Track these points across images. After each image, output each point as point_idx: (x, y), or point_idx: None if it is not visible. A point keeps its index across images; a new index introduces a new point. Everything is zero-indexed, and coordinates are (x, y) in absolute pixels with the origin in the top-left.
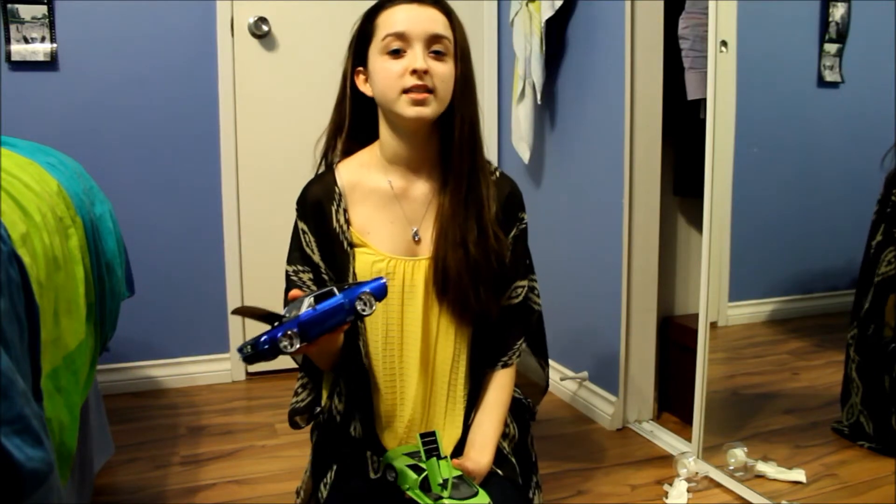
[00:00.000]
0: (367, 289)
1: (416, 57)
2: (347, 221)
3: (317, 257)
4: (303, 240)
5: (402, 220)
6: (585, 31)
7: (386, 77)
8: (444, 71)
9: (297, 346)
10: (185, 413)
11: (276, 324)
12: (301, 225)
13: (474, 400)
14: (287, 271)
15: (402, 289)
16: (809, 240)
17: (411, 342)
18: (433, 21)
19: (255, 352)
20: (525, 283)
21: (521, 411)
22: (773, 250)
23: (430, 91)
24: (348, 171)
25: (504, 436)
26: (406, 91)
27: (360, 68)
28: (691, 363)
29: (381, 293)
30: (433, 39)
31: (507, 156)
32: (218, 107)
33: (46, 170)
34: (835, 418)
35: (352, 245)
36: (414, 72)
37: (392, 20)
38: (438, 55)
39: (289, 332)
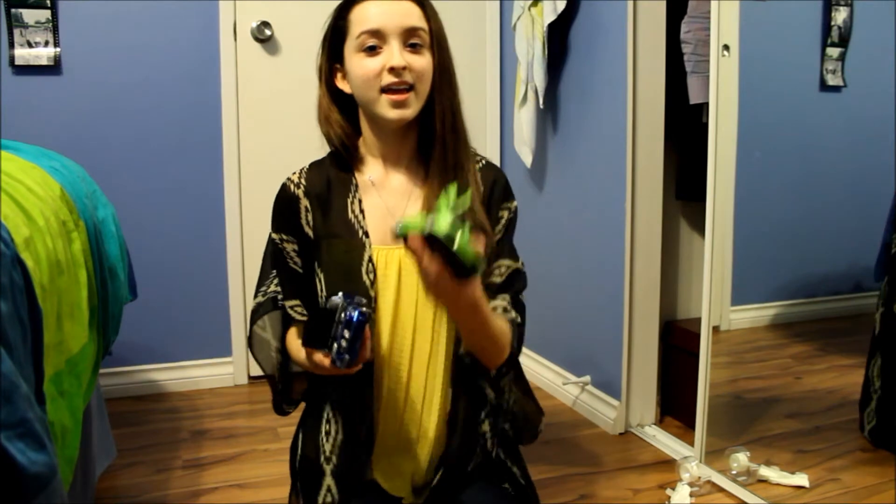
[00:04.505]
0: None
1: (393, 54)
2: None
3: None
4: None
5: (382, 211)
6: (587, 36)
7: (364, 76)
8: (422, 64)
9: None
10: (187, 417)
11: (339, 315)
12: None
13: (457, 394)
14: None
15: (376, 276)
16: (812, 244)
17: (384, 328)
18: (407, 14)
19: (353, 335)
20: (511, 263)
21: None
22: (775, 254)
23: (410, 88)
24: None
25: (500, 436)
26: (386, 90)
27: (337, 65)
28: (694, 367)
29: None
30: (409, 33)
31: (509, 160)
32: (221, 111)
33: (50, 174)
34: (835, 422)
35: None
36: (392, 69)
37: (365, 16)
38: (415, 48)
39: (356, 301)
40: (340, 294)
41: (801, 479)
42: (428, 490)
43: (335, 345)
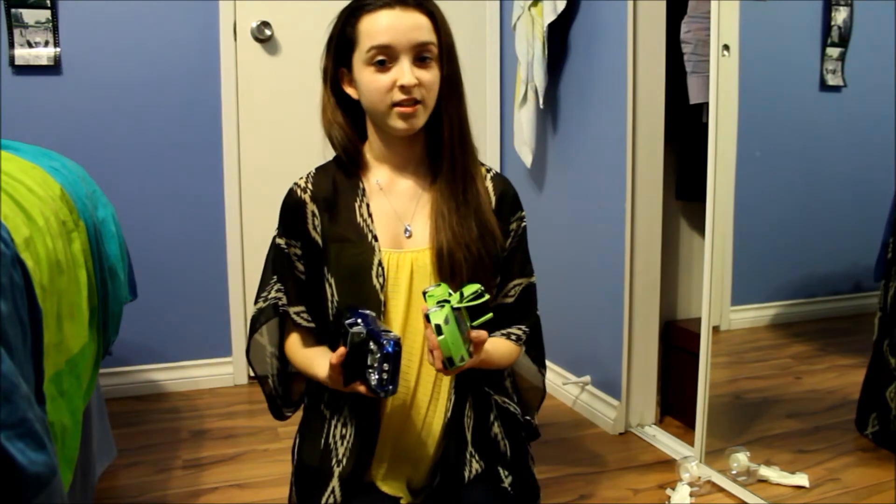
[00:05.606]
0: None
1: (404, 72)
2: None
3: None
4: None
5: (390, 215)
6: (588, 36)
7: (374, 91)
8: (430, 79)
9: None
10: (187, 417)
11: (370, 345)
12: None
13: (461, 397)
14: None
15: (386, 280)
16: (812, 243)
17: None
18: (417, 28)
19: (392, 367)
20: (526, 280)
21: (517, 428)
22: (775, 254)
23: (419, 101)
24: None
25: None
26: (395, 104)
27: (344, 70)
28: (694, 367)
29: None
30: (419, 48)
31: (509, 160)
32: (221, 111)
33: (50, 174)
34: (835, 422)
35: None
36: (402, 87)
37: (375, 29)
38: (424, 61)
39: (389, 336)
40: (360, 323)
41: (801, 479)
42: (426, 491)
43: (376, 377)
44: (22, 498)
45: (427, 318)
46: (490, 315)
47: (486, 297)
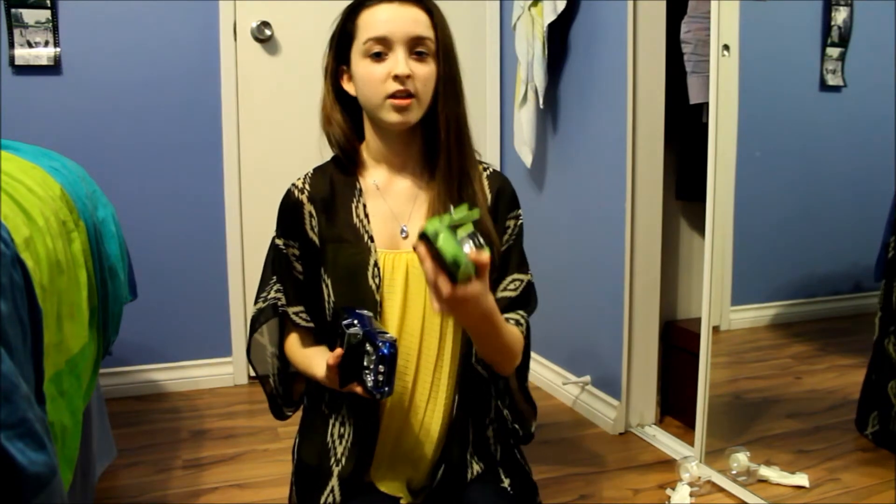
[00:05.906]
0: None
1: (398, 62)
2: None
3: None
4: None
5: (387, 215)
6: (588, 36)
7: (369, 82)
8: (425, 73)
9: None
10: (187, 417)
11: (366, 346)
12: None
13: (463, 399)
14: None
15: (382, 280)
16: (812, 243)
17: (390, 332)
18: (415, 22)
19: (388, 368)
20: (525, 277)
21: (508, 434)
22: (775, 254)
23: (413, 95)
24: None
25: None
26: (390, 96)
27: (343, 67)
28: (694, 367)
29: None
30: (415, 42)
31: (509, 160)
32: (221, 111)
33: (50, 174)
34: (835, 422)
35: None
36: (396, 77)
37: (373, 22)
38: (420, 56)
39: (385, 338)
40: (357, 324)
41: (801, 479)
42: (426, 491)
43: (372, 378)
44: (22, 498)
45: (422, 236)
46: (487, 250)
47: (476, 210)
